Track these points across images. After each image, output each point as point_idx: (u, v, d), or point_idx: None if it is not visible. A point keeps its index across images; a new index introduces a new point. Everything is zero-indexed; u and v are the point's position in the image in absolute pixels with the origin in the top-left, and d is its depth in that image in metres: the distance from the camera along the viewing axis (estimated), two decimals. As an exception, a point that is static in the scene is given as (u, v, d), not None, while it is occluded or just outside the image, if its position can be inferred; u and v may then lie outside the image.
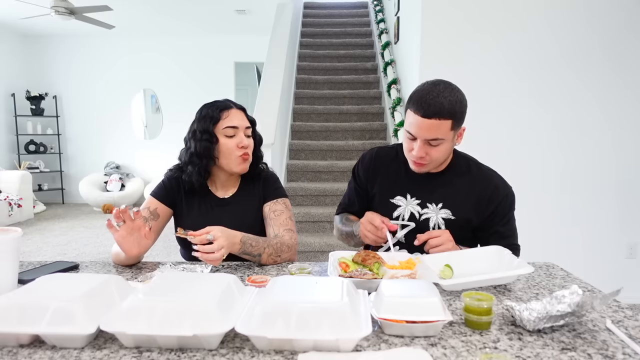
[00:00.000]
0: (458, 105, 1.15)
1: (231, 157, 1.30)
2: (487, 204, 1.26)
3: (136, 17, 5.88)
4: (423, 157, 1.20)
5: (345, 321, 0.69)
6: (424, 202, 1.29)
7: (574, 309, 0.74)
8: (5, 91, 6.40)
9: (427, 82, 1.19)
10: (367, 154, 1.43)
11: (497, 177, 1.30)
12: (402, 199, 1.31)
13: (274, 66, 3.70)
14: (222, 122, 1.30)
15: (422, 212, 1.28)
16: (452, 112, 1.13)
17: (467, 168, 1.31)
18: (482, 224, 1.28)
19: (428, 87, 1.16)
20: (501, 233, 1.28)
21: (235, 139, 1.30)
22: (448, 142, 1.19)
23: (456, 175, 1.30)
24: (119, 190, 6.39)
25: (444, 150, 1.20)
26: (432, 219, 1.27)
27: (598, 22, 2.71)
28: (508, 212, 1.29)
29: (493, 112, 2.79)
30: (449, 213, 1.27)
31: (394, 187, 1.33)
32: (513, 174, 2.72)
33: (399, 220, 1.31)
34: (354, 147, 4.03)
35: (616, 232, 2.87)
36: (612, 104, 2.77)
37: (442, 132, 1.15)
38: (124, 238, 1.12)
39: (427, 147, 1.18)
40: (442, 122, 1.13)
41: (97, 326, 0.70)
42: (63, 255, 3.96)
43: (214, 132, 1.30)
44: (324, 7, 6.41)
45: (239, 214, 1.36)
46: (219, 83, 6.79)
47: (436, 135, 1.15)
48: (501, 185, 1.28)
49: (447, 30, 2.75)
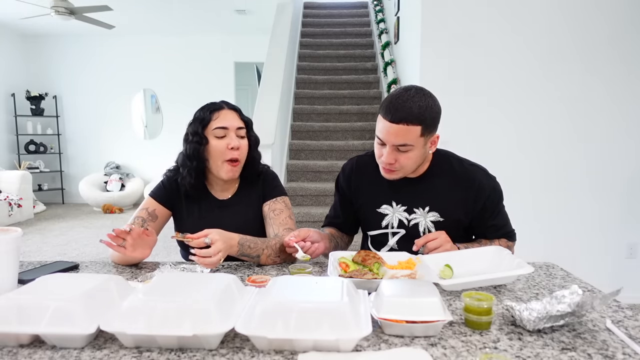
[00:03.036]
0: (428, 111, 1.12)
1: (219, 160, 1.28)
2: (475, 201, 1.25)
3: (136, 17, 5.88)
4: (392, 164, 1.18)
5: (345, 321, 0.69)
6: (410, 208, 1.28)
7: (574, 309, 0.74)
8: (5, 91, 6.40)
9: (400, 87, 1.17)
10: (348, 164, 1.41)
11: (480, 172, 1.28)
12: (388, 207, 1.30)
13: (274, 66, 3.70)
14: (212, 123, 1.29)
15: (410, 218, 1.28)
16: (421, 118, 1.11)
17: (449, 167, 1.29)
18: (474, 221, 1.28)
19: (398, 92, 1.14)
20: (496, 225, 1.29)
21: (225, 139, 1.28)
22: (418, 149, 1.16)
23: (439, 177, 1.28)
24: (119, 190, 6.39)
25: (414, 157, 1.18)
26: (421, 224, 1.27)
27: (598, 21, 2.71)
28: (498, 204, 1.28)
29: (493, 111, 2.79)
30: (437, 215, 1.26)
31: (379, 196, 1.32)
32: (513, 174, 2.76)
33: (388, 229, 1.30)
34: (354, 147, 4.03)
35: (616, 232, 2.86)
36: (613, 104, 2.77)
37: (410, 138, 1.12)
38: (133, 251, 1.13)
39: (396, 153, 1.16)
40: (411, 128, 1.11)
41: (97, 326, 0.70)
42: (63, 255, 3.96)
43: (204, 133, 1.28)
44: (324, 7, 6.41)
45: (240, 215, 1.36)
46: (219, 83, 6.79)
47: (404, 141, 1.13)
48: (486, 181, 1.26)
49: (447, 30, 2.75)
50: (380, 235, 1.33)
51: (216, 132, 1.28)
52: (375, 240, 1.35)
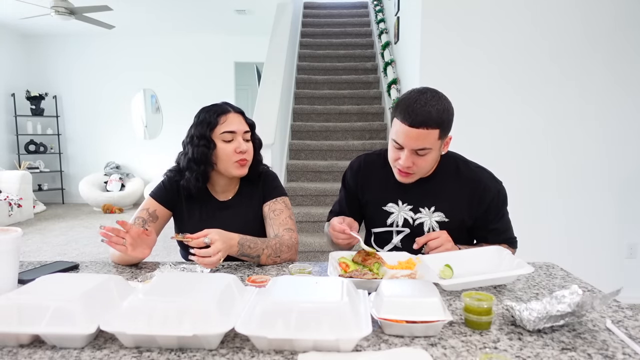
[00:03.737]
0: (445, 114, 1.14)
1: (229, 162, 1.29)
2: (479, 203, 1.26)
3: (136, 17, 5.88)
4: (410, 167, 1.18)
5: (345, 321, 0.69)
6: (416, 207, 1.29)
7: (574, 309, 0.74)
8: (5, 91, 6.40)
9: (413, 89, 1.18)
10: (355, 162, 1.42)
11: (486, 175, 1.29)
12: (394, 205, 1.31)
13: (274, 66, 3.70)
14: (220, 127, 1.28)
15: (415, 217, 1.29)
16: (439, 122, 1.12)
17: (455, 168, 1.30)
18: (477, 223, 1.29)
19: (415, 96, 1.14)
20: (498, 229, 1.30)
21: (233, 143, 1.28)
22: (435, 152, 1.18)
23: (445, 177, 1.29)
24: (119, 190, 6.39)
25: (431, 159, 1.19)
26: (425, 223, 1.28)
27: (598, 21, 2.71)
28: (501, 208, 1.29)
29: (493, 112, 2.79)
30: (442, 216, 1.27)
31: (385, 195, 1.33)
32: (513, 174, 2.76)
33: (393, 227, 1.31)
34: (354, 147, 4.03)
35: (616, 232, 2.86)
36: (613, 104, 2.77)
37: (429, 142, 1.14)
38: (133, 250, 1.13)
39: (414, 156, 1.17)
40: (430, 132, 1.12)
41: (97, 326, 0.70)
42: (63, 255, 3.96)
43: (212, 137, 1.28)
44: (324, 7, 6.41)
45: (240, 215, 1.36)
46: (219, 83, 6.79)
47: (424, 145, 1.14)
48: (491, 183, 1.28)
49: (447, 30, 2.75)
50: (384, 233, 1.33)
51: (224, 137, 1.28)
52: (379, 238, 1.35)
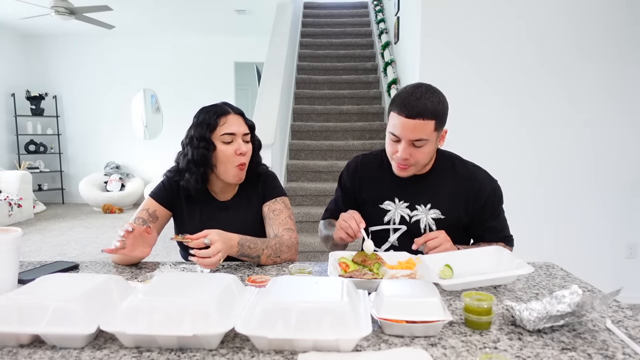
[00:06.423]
0: (440, 106, 1.17)
1: (228, 165, 1.28)
2: (475, 200, 1.28)
3: (136, 17, 5.88)
4: (407, 159, 1.21)
5: (345, 321, 0.69)
6: (412, 205, 1.31)
7: (574, 309, 0.74)
8: (5, 91, 6.40)
9: (408, 85, 1.22)
10: (352, 162, 1.44)
11: (482, 174, 1.32)
12: (391, 203, 1.33)
13: (274, 66, 3.70)
14: (220, 129, 1.27)
15: (411, 215, 1.30)
16: (435, 113, 1.16)
17: (451, 166, 1.32)
18: (473, 221, 1.31)
19: (410, 89, 1.18)
20: (494, 227, 1.32)
21: (233, 145, 1.28)
22: (431, 144, 1.21)
23: (442, 175, 1.31)
24: (119, 190, 6.39)
25: (427, 152, 1.22)
26: (422, 220, 1.29)
27: (598, 21, 2.71)
28: (497, 206, 1.31)
29: (494, 111, 2.79)
30: (439, 212, 1.28)
31: (382, 193, 1.34)
32: (513, 174, 2.76)
33: (390, 225, 1.32)
34: (354, 147, 4.03)
35: (616, 232, 2.86)
36: (613, 105, 2.77)
37: (426, 133, 1.17)
38: (133, 250, 1.13)
39: (411, 148, 1.19)
40: (426, 123, 1.15)
41: (97, 326, 0.70)
42: (63, 255, 3.96)
43: (211, 139, 1.27)
44: (324, 7, 6.41)
45: (240, 216, 1.36)
46: (219, 83, 6.79)
47: (420, 136, 1.17)
48: (487, 182, 1.30)
49: (447, 30, 2.75)
50: (381, 232, 1.34)
51: (224, 138, 1.27)
52: (376, 236, 1.35)
